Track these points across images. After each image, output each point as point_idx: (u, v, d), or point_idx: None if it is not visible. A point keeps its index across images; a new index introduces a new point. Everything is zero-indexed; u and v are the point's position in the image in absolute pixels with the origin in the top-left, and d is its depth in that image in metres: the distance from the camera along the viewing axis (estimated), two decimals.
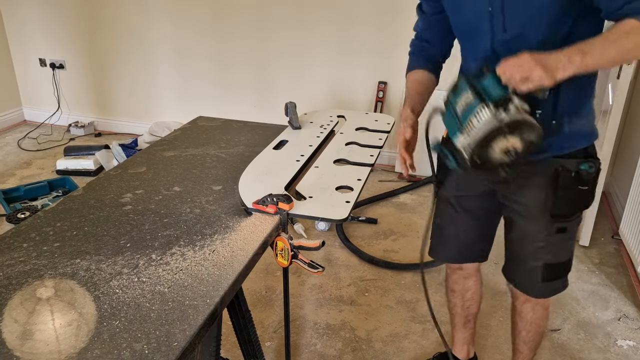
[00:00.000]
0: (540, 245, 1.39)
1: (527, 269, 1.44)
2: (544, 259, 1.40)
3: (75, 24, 3.95)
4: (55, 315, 0.93)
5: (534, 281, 1.44)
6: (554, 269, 1.41)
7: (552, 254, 1.40)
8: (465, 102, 1.11)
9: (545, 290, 1.48)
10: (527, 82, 1.03)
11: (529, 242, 1.41)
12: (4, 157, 3.69)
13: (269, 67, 3.66)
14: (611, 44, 1.04)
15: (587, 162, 1.28)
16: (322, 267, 1.20)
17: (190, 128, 1.89)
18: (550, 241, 1.38)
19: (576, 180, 1.29)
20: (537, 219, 1.37)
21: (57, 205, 1.31)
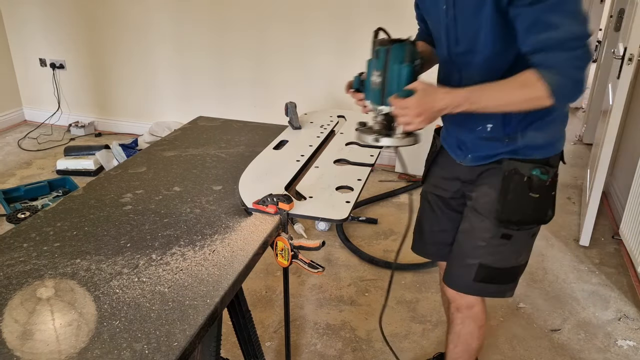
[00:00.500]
0: (482, 244, 1.35)
1: (463, 264, 1.39)
2: (481, 259, 1.35)
3: (76, 24, 3.95)
4: (56, 315, 0.93)
5: (466, 278, 1.38)
6: (489, 272, 1.35)
7: (492, 256, 1.35)
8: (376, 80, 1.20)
9: (473, 289, 1.40)
10: (409, 125, 1.14)
11: (473, 237, 1.37)
12: (4, 157, 3.69)
13: (269, 67, 3.66)
14: (505, 93, 1.09)
15: (540, 168, 1.26)
16: (322, 267, 1.20)
17: (191, 128, 1.89)
18: (491, 243, 1.33)
19: (528, 186, 1.27)
20: (485, 217, 1.34)
21: (57, 205, 1.31)
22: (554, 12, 1.02)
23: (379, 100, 1.19)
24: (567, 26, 1.03)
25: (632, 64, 2.33)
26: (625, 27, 2.91)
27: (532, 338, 2.08)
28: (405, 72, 1.15)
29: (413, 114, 1.10)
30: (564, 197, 3.25)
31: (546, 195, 1.30)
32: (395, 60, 1.15)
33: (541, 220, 1.34)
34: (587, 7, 4.59)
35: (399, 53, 1.15)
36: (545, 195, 1.30)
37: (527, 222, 1.33)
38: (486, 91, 1.11)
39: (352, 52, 3.41)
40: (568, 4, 1.03)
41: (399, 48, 1.15)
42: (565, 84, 1.06)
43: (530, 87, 1.06)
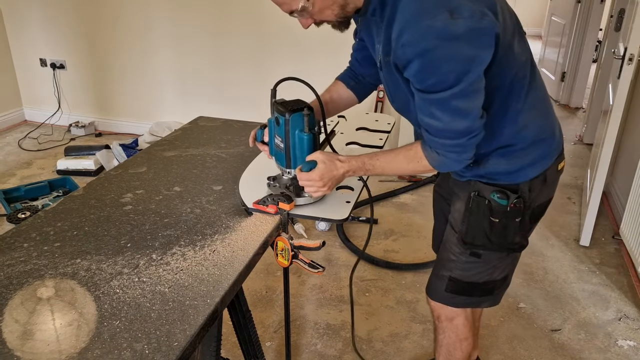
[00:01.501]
0: (453, 258, 1.33)
1: (438, 274, 1.39)
2: (451, 272, 1.34)
3: (76, 25, 3.95)
4: (56, 315, 0.93)
5: (440, 288, 1.38)
6: (459, 285, 1.34)
7: (461, 271, 1.32)
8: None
9: (446, 299, 1.39)
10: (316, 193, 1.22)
11: (446, 250, 1.37)
12: (5, 157, 3.69)
13: (270, 67, 3.66)
14: (395, 164, 1.20)
15: (499, 192, 1.20)
16: (323, 267, 1.20)
17: (191, 128, 1.89)
18: (460, 259, 1.32)
19: (489, 209, 1.22)
20: (455, 232, 1.32)
21: (58, 205, 1.31)
22: (436, 107, 1.02)
23: (285, 164, 1.28)
24: (448, 122, 1.03)
25: (632, 64, 2.33)
26: (625, 27, 2.91)
27: (532, 338, 2.08)
28: (306, 140, 1.23)
29: (319, 185, 1.19)
30: (564, 197, 3.25)
31: (508, 221, 1.23)
32: (296, 129, 1.22)
33: (508, 247, 1.28)
34: (587, 7, 4.59)
35: (298, 123, 1.22)
36: (507, 222, 1.23)
37: (491, 247, 1.27)
38: (379, 160, 1.20)
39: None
40: (451, 104, 1.00)
41: (298, 118, 1.22)
42: (446, 162, 1.12)
43: (416, 162, 1.17)
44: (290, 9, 1.08)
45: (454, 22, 0.92)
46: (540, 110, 1.21)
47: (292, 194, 1.27)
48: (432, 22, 0.93)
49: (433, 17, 0.93)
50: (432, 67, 0.96)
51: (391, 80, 1.15)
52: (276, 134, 1.26)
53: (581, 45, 4.75)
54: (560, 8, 5.19)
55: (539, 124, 1.21)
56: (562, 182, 3.51)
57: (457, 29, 0.93)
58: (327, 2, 1.06)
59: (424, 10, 0.94)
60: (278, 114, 1.23)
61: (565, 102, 5.11)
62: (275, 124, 1.25)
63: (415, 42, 0.94)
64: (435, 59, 0.95)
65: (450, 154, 1.09)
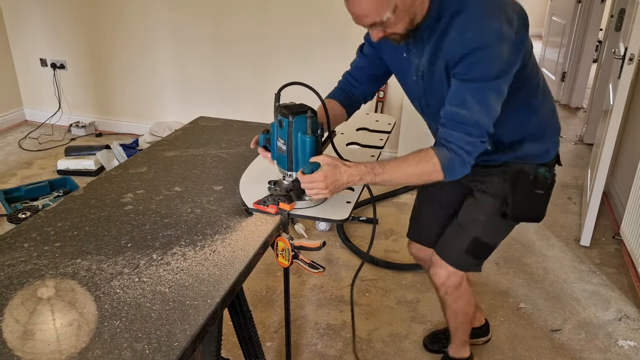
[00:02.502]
0: (481, 218, 1.50)
1: (459, 236, 1.54)
2: (476, 233, 1.50)
3: (76, 25, 3.95)
4: (56, 315, 0.93)
5: (458, 249, 1.53)
6: (479, 245, 1.51)
7: (485, 230, 1.51)
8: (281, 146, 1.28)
9: (461, 262, 1.55)
10: (318, 196, 1.21)
11: (474, 212, 1.50)
12: (5, 157, 3.69)
13: (270, 66, 3.66)
14: (404, 166, 1.22)
15: (544, 167, 1.45)
16: (323, 267, 1.20)
17: (191, 128, 1.89)
18: (490, 219, 1.49)
19: (534, 183, 1.44)
20: (491, 195, 1.48)
21: (58, 205, 1.31)
22: (472, 95, 1.15)
23: (287, 167, 1.27)
24: (476, 112, 1.16)
25: (632, 64, 2.33)
26: (625, 27, 2.91)
27: (532, 338, 2.08)
28: (309, 142, 1.22)
29: (321, 187, 1.18)
30: (565, 197, 3.25)
31: (548, 192, 1.47)
32: (299, 131, 1.22)
33: (540, 216, 1.50)
34: (587, 7, 4.59)
35: (301, 125, 1.22)
36: (547, 193, 1.47)
37: (530, 217, 1.49)
38: (389, 164, 1.22)
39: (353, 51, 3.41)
40: (486, 95, 1.16)
41: (302, 120, 1.21)
42: (454, 160, 1.19)
43: (426, 162, 1.20)
44: (372, 22, 1.15)
45: (509, 28, 1.13)
46: (551, 103, 1.43)
47: (293, 196, 1.26)
48: (493, 24, 1.12)
49: (495, 20, 1.12)
50: (485, 60, 1.13)
51: (430, 86, 1.30)
52: (279, 137, 1.26)
53: (581, 45, 4.75)
54: (561, 8, 5.19)
55: (553, 114, 1.45)
56: (562, 182, 3.53)
57: (510, 34, 1.13)
58: (402, 16, 1.15)
59: (487, 14, 1.13)
60: (281, 117, 1.23)
61: (565, 102, 5.11)
62: (278, 127, 1.25)
63: (478, 37, 1.11)
64: (489, 53, 1.12)
65: (461, 150, 1.18)
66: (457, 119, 1.17)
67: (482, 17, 1.14)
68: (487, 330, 2.02)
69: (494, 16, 1.13)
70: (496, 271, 2.49)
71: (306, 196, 1.26)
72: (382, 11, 1.12)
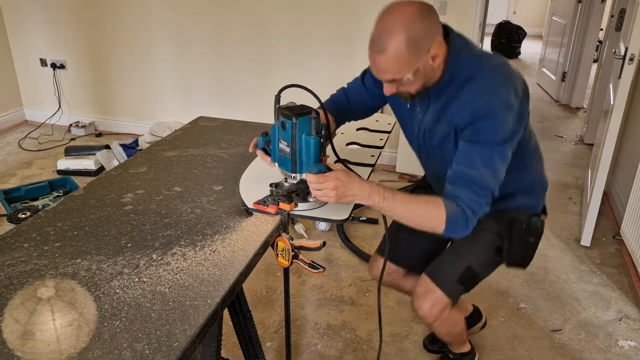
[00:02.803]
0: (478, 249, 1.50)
1: (453, 262, 1.51)
2: (470, 261, 1.49)
3: (76, 25, 3.95)
4: (56, 315, 0.93)
5: (452, 276, 1.50)
6: (471, 275, 1.50)
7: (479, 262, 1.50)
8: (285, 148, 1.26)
9: (451, 289, 1.51)
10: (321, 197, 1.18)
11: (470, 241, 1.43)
12: (5, 157, 3.69)
13: (270, 67, 3.66)
14: (412, 203, 1.22)
15: (536, 216, 1.49)
16: (323, 268, 1.20)
17: (191, 128, 1.89)
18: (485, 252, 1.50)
19: (527, 231, 1.47)
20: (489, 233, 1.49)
21: (58, 205, 1.31)
22: (480, 156, 1.19)
23: (291, 169, 1.25)
24: (484, 174, 1.19)
25: (633, 64, 2.33)
26: (626, 27, 2.91)
27: (533, 338, 2.08)
28: (313, 143, 1.21)
29: (330, 187, 1.15)
30: (565, 197, 3.25)
31: (537, 241, 1.50)
32: (303, 132, 1.21)
33: (527, 263, 1.52)
34: (588, 7, 4.59)
35: (305, 126, 1.20)
36: (537, 242, 1.50)
37: (519, 263, 1.53)
38: (398, 194, 1.21)
39: (353, 53, 3.41)
40: (493, 158, 1.19)
41: (306, 121, 1.20)
42: (459, 217, 1.19)
43: (434, 207, 1.20)
44: (391, 79, 1.19)
45: (516, 98, 1.20)
46: (541, 163, 1.52)
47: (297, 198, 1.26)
48: (503, 94, 1.19)
49: (504, 90, 1.19)
50: (493, 126, 1.18)
51: (431, 142, 1.34)
52: (281, 139, 1.25)
53: (582, 45, 4.75)
54: (561, 8, 5.19)
55: (542, 173, 1.52)
56: (563, 182, 3.52)
57: (515, 104, 1.20)
58: (420, 78, 1.20)
59: (497, 84, 1.20)
60: (284, 118, 1.22)
61: (566, 102, 5.10)
62: (280, 129, 1.24)
63: (487, 106, 1.18)
64: (497, 121, 1.18)
65: (468, 210, 1.19)
66: (467, 177, 1.20)
67: (493, 87, 1.20)
68: (479, 315, 2.00)
69: (504, 86, 1.20)
70: (496, 271, 2.48)
71: (311, 197, 1.26)
72: (404, 71, 1.16)
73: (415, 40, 1.12)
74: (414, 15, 1.12)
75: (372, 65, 1.19)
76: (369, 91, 1.51)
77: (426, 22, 1.13)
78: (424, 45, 1.13)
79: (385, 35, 1.12)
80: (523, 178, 1.45)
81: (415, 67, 1.15)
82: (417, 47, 1.12)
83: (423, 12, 1.13)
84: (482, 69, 1.22)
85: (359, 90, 1.54)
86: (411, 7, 1.13)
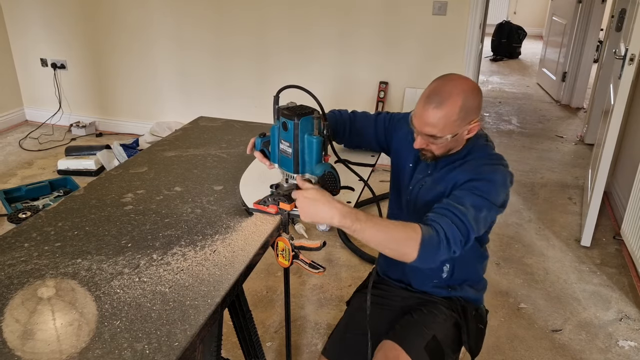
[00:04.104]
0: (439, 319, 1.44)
1: (419, 331, 1.40)
2: (435, 331, 1.41)
3: (77, 25, 3.95)
4: (57, 315, 0.93)
5: (419, 344, 1.38)
6: (436, 347, 1.40)
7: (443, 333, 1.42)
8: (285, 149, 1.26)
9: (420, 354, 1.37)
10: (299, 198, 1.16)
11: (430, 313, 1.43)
12: (6, 157, 3.69)
13: (270, 67, 3.66)
14: (389, 225, 1.17)
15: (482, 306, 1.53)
16: (323, 268, 1.20)
17: (192, 128, 1.89)
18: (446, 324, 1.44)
19: (478, 317, 1.48)
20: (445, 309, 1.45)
21: (59, 205, 1.31)
22: (471, 200, 1.22)
23: (293, 170, 1.24)
24: (469, 213, 1.20)
25: (633, 64, 2.33)
26: (626, 27, 2.91)
27: (533, 338, 2.08)
28: (315, 143, 1.19)
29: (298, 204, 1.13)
30: (565, 197, 3.25)
31: (484, 331, 1.50)
32: (305, 132, 1.20)
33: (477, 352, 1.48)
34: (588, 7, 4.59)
35: (307, 126, 1.19)
36: (483, 331, 1.50)
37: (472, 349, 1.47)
38: (374, 217, 1.17)
39: (353, 52, 3.41)
40: (482, 207, 1.23)
41: (308, 121, 1.19)
42: (433, 240, 1.15)
43: (411, 229, 1.15)
44: (432, 134, 1.23)
45: (509, 185, 1.30)
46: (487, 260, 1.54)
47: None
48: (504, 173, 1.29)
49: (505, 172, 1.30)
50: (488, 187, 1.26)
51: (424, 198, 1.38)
52: (282, 140, 1.24)
53: (582, 45, 4.75)
54: (561, 8, 5.19)
55: (484, 270, 1.54)
56: (563, 182, 3.52)
57: (507, 190, 1.30)
58: (451, 142, 1.27)
59: (499, 167, 1.30)
60: (286, 119, 1.21)
61: (566, 102, 5.11)
62: (282, 129, 1.23)
63: (490, 172, 1.28)
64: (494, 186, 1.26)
65: (444, 236, 1.17)
66: (451, 209, 1.21)
67: (496, 167, 1.30)
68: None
69: (504, 172, 1.30)
70: (497, 271, 2.49)
71: None
72: (447, 132, 1.22)
73: (467, 108, 1.22)
74: (471, 88, 1.23)
75: (420, 116, 1.24)
76: (376, 129, 1.52)
77: (478, 99, 1.25)
78: (470, 116, 1.23)
79: (444, 94, 1.20)
80: (475, 267, 1.49)
81: (456, 131, 1.23)
82: (465, 115, 1.22)
83: (477, 90, 1.25)
84: (491, 156, 1.33)
85: (367, 120, 1.54)
86: (469, 82, 1.25)
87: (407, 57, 3.37)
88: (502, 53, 7.13)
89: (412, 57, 3.36)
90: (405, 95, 3.42)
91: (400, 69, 3.40)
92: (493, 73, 6.42)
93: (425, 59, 3.34)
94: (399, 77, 3.42)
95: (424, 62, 3.35)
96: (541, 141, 4.20)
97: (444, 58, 3.31)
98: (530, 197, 3.24)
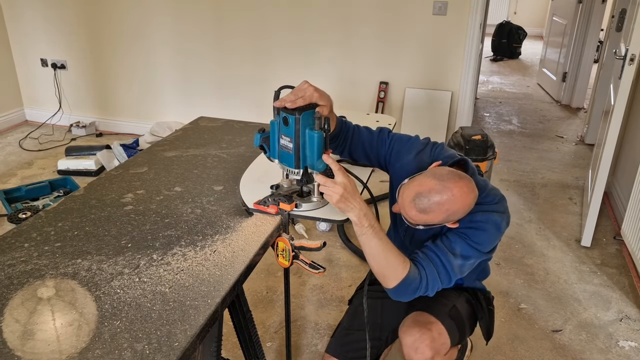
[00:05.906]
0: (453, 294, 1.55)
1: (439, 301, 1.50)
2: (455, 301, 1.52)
3: (77, 25, 3.95)
4: (57, 315, 0.93)
5: (444, 310, 1.49)
6: (457, 315, 1.50)
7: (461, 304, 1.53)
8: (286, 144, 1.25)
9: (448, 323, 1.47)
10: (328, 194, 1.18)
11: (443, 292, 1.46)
12: (6, 157, 3.69)
13: (271, 67, 3.66)
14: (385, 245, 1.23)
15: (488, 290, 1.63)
16: (323, 268, 1.20)
17: (192, 128, 1.89)
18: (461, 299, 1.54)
19: (488, 300, 1.60)
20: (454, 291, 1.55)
21: (58, 205, 1.31)
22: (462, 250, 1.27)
23: (294, 165, 1.23)
24: (456, 265, 1.27)
25: (633, 64, 2.33)
26: (626, 27, 2.91)
27: (533, 339, 2.08)
28: (317, 137, 1.19)
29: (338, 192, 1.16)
30: (566, 198, 3.25)
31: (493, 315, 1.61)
32: (306, 127, 1.19)
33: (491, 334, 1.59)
34: (588, 8, 4.60)
35: (308, 121, 1.19)
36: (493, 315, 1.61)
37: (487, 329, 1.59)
38: (383, 232, 1.24)
39: (354, 52, 3.41)
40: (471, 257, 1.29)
41: (309, 116, 1.19)
42: (415, 281, 1.24)
43: (403, 262, 1.23)
44: (431, 222, 1.24)
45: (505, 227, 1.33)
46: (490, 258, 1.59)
47: (298, 199, 1.25)
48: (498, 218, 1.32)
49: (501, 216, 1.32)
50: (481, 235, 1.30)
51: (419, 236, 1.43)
52: (283, 135, 1.24)
53: (582, 45, 4.75)
54: (562, 8, 5.19)
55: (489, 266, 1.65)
56: (563, 182, 3.52)
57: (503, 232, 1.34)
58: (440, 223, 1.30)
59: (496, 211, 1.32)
60: (286, 114, 1.21)
61: (566, 102, 5.10)
62: (282, 124, 1.23)
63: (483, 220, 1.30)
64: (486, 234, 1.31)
65: (425, 283, 1.26)
66: (441, 256, 1.27)
67: (492, 212, 1.31)
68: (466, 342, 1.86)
69: (501, 216, 1.32)
70: (497, 272, 2.48)
71: (314, 197, 1.25)
72: (437, 221, 1.24)
73: (452, 213, 1.22)
74: (463, 196, 1.21)
75: (404, 209, 1.26)
76: (380, 143, 1.46)
77: (468, 206, 1.23)
78: (454, 217, 1.25)
79: (432, 205, 1.20)
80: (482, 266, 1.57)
81: (445, 219, 1.25)
82: (449, 217, 1.23)
83: (469, 204, 1.23)
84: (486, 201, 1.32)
85: (371, 135, 1.47)
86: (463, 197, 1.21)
87: (407, 57, 3.37)
88: (502, 53, 7.13)
89: (413, 57, 3.36)
90: (405, 95, 3.42)
91: (400, 69, 3.40)
92: (493, 73, 6.43)
93: (425, 59, 3.34)
94: (399, 77, 3.42)
95: (424, 62, 3.35)
96: (541, 141, 4.20)
97: (444, 58, 3.31)
98: (531, 198, 3.24)
